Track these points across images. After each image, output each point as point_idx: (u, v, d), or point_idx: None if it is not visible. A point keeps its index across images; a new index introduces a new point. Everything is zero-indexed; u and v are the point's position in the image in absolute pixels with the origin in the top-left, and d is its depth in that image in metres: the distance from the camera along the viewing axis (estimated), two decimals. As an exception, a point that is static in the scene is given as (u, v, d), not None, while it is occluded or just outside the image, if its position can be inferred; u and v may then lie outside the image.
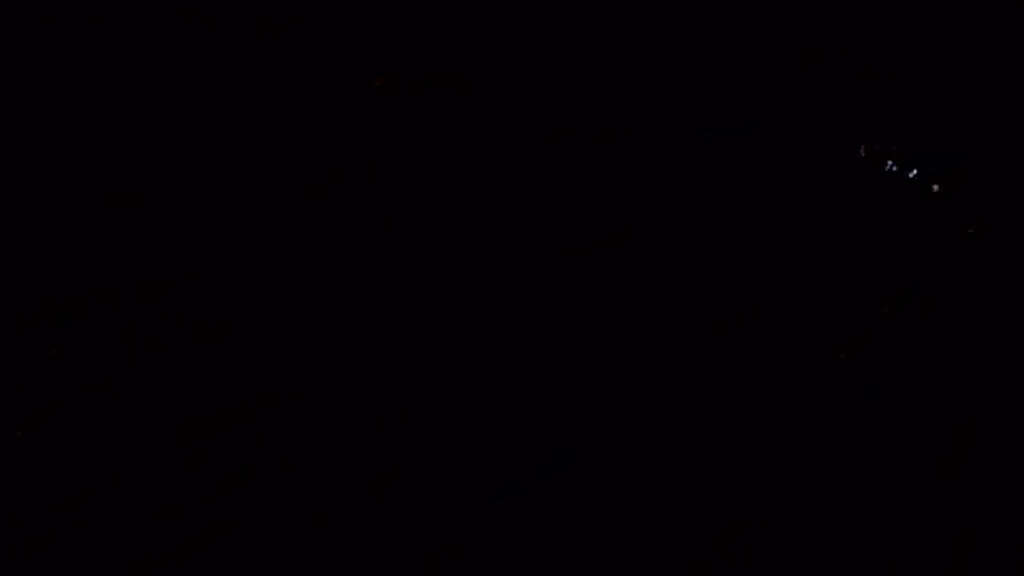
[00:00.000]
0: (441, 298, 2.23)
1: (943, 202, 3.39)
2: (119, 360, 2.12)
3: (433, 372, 2.16)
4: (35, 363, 2.09)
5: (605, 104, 2.47)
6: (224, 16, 2.22)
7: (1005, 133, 3.31)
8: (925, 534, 2.06)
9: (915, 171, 3.33)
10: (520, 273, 2.26)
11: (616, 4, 2.43)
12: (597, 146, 2.38)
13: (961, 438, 2.25)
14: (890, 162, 3.31)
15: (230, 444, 2.07)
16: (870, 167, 3.35)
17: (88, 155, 2.22)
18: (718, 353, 2.32)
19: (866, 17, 3.37)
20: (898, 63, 3.31)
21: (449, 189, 2.28)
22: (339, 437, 2.08)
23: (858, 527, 2.08)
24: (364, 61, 2.30)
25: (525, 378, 2.18)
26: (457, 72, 2.33)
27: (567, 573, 1.98)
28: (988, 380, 2.53)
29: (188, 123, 2.26)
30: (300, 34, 2.26)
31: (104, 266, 2.18)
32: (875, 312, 3.22)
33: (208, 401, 2.12)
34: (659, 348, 2.23)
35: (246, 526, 2.00)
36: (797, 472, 2.14)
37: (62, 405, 2.07)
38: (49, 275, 2.16)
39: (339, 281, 2.22)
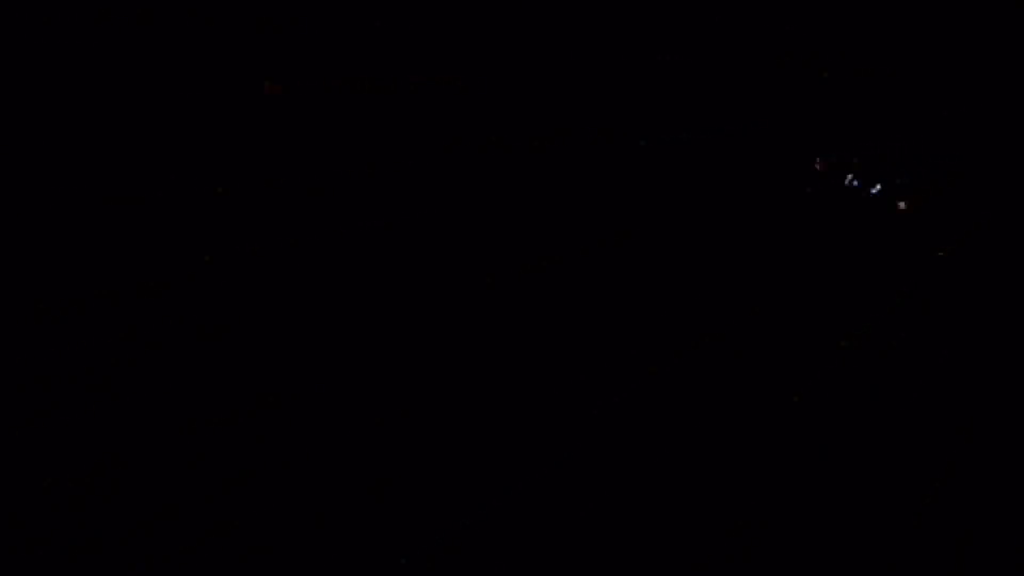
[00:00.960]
0: (440, 299, 2.25)
1: (911, 221, 3.04)
2: (119, 360, 2.15)
3: (432, 372, 2.18)
4: (35, 363, 2.12)
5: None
6: (223, 17, 2.28)
7: (977, 145, 2.97)
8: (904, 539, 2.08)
9: (878, 186, 2.99)
10: (518, 274, 2.27)
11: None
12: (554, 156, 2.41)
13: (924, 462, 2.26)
14: (850, 176, 2.98)
15: (230, 444, 2.10)
16: (827, 183, 3.01)
17: (87, 156, 2.26)
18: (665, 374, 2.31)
19: (828, 17, 3.06)
20: (855, 64, 2.99)
21: (448, 190, 2.30)
22: (339, 437, 2.11)
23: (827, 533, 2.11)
24: (364, 62, 2.35)
25: (524, 378, 2.19)
26: (457, 72, 2.37)
27: (566, 573, 2.01)
28: (959, 414, 2.45)
29: (188, 124, 2.30)
30: (298, 35, 2.31)
31: (104, 266, 2.21)
32: (832, 347, 2.90)
33: (208, 401, 2.14)
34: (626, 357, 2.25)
35: (246, 526, 2.03)
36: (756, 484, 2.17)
37: (62, 405, 2.10)
38: (49, 275, 2.19)
39: (339, 281, 2.25)
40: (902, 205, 3.03)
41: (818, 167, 3.00)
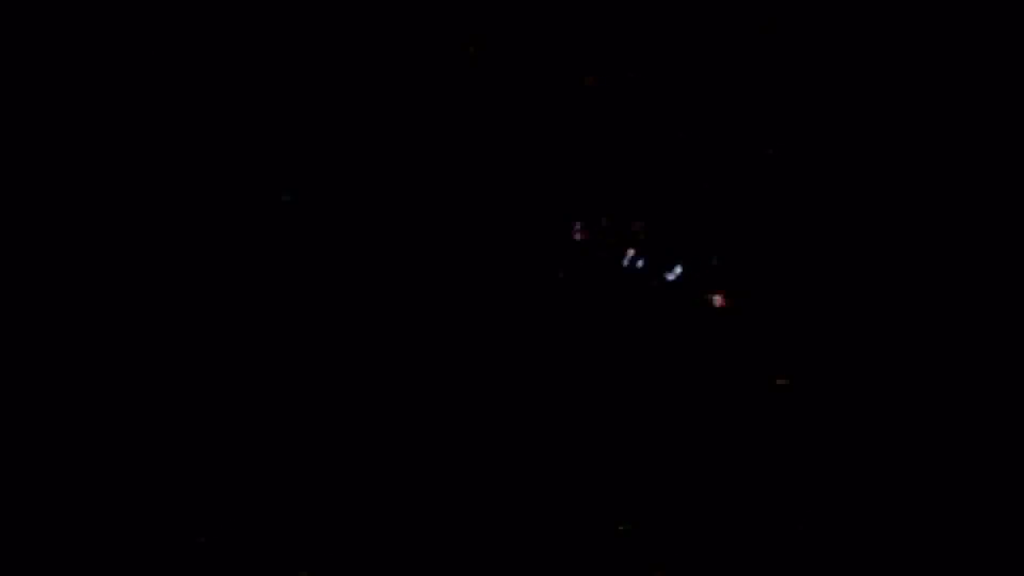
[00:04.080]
0: (440, 299, 2.28)
1: (730, 325, 1.89)
2: (119, 360, 2.21)
3: (431, 373, 2.22)
4: (35, 363, 2.19)
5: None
6: (225, 17, 2.40)
7: (817, 206, 1.86)
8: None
9: (678, 270, 1.89)
10: (517, 273, 2.21)
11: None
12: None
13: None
14: (631, 253, 1.87)
15: (230, 444, 2.16)
16: (594, 259, 1.88)
17: (87, 156, 2.37)
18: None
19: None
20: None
21: (448, 190, 2.31)
22: (339, 437, 2.17)
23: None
24: (366, 62, 2.42)
25: (523, 378, 2.19)
26: (457, 72, 2.35)
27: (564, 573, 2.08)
28: None
29: (187, 124, 2.41)
30: (299, 33, 2.41)
31: (104, 266, 2.31)
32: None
33: (208, 401, 2.20)
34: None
35: (246, 526, 2.08)
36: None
37: (62, 405, 2.16)
38: (49, 275, 2.29)
39: (338, 281, 2.32)
40: (717, 300, 1.91)
41: (577, 236, 1.85)
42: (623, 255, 1.91)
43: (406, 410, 2.23)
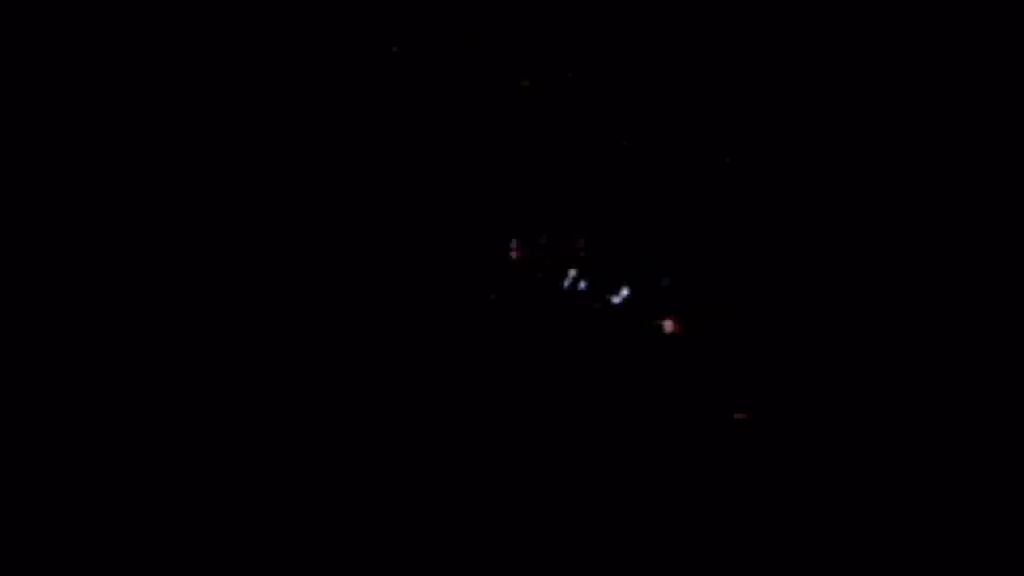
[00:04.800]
0: (438, 300, 2.22)
1: (683, 353, 1.73)
2: (119, 360, 2.27)
3: (429, 373, 2.21)
4: (35, 363, 2.25)
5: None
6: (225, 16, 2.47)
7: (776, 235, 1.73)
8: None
9: (625, 292, 1.74)
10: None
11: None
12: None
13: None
14: (572, 273, 1.73)
15: (229, 444, 2.22)
16: (531, 279, 1.70)
17: (87, 156, 2.42)
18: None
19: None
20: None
21: (446, 190, 2.26)
22: (338, 438, 2.21)
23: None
24: (366, 61, 2.43)
25: (522, 379, 2.11)
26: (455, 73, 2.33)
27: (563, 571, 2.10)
28: None
29: (187, 123, 2.44)
30: (298, 33, 2.46)
31: (104, 267, 2.36)
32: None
33: (207, 402, 2.25)
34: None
35: (246, 526, 2.14)
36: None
37: (62, 405, 2.22)
38: (49, 276, 2.34)
39: (337, 281, 2.32)
40: (668, 325, 1.76)
41: (514, 254, 1.71)
42: (564, 275, 1.77)
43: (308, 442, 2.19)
